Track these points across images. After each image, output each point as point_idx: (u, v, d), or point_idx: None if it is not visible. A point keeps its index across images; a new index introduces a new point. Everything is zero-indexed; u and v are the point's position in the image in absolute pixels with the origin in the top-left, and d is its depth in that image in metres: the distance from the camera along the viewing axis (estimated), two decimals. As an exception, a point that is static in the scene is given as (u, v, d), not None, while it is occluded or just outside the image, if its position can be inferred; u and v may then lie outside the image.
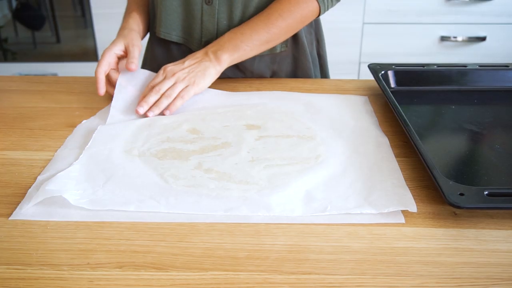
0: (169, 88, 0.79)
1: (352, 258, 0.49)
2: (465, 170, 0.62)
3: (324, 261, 0.49)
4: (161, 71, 0.82)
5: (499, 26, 2.12)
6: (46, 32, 2.37)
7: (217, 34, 0.89)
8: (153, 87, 0.79)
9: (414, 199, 0.58)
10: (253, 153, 0.66)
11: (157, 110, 0.77)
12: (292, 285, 0.46)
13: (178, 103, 0.78)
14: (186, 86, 0.79)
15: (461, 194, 0.53)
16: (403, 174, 0.63)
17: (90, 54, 2.32)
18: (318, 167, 0.63)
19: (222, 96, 0.85)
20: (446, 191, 0.53)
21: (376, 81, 0.83)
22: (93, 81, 0.91)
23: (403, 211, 0.56)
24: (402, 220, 0.54)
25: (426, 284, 0.46)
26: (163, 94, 0.78)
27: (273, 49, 0.91)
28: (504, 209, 0.54)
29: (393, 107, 0.73)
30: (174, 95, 0.78)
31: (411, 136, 0.65)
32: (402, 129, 0.71)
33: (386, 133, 0.73)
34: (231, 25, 0.88)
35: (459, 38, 2.03)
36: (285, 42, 0.92)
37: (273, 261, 0.49)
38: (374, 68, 0.87)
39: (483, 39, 2.04)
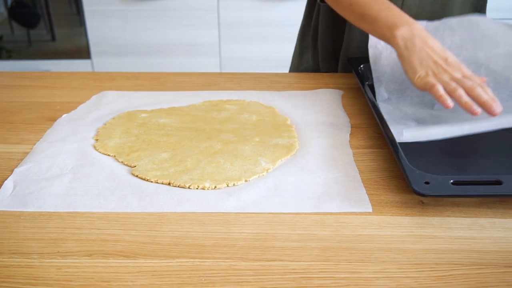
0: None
1: (317, 245, 0.50)
2: (435, 161, 0.63)
3: (290, 248, 0.50)
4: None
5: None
6: (41, 30, 2.38)
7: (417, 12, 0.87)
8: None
9: (384, 189, 0.59)
10: (225, 146, 0.67)
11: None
12: (256, 272, 0.47)
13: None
14: None
15: (427, 183, 0.54)
16: (375, 165, 0.64)
17: (84, 52, 2.33)
18: (287, 161, 0.64)
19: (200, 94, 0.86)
20: (412, 180, 0.54)
21: (355, 74, 0.84)
22: (77, 76, 0.93)
23: (371, 200, 0.56)
24: (369, 209, 0.55)
25: (387, 270, 0.47)
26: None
27: None
28: (466, 196, 0.55)
29: (368, 99, 0.74)
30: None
31: (383, 127, 0.66)
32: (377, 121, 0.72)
33: (362, 125, 0.74)
34: None
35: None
36: None
37: (239, 249, 0.49)
38: (353, 61, 0.88)
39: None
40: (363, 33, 0.91)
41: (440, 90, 0.64)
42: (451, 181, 0.54)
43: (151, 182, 0.60)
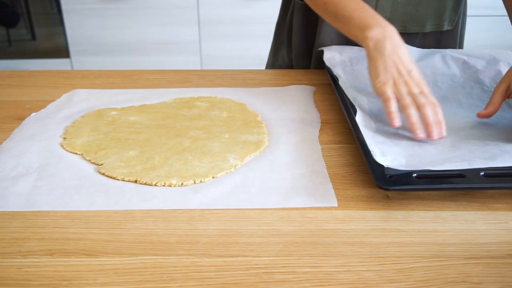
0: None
1: (281, 240, 0.50)
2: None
3: (253, 244, 0.50)
4: None
5: (469, 18, 2.15)
6: (22, 29, 2.35)
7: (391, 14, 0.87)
8: None
9: (351, 183, 0.59)
10: (194, 143, 0.67)
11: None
12: (218, 268, 0.46)
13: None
14: None
15: (390, 177, 0.54)
16: (343, 160, 0.64)
17: (62, 51, 2.31)
18: (256, 157, 0.64)
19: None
20: (376, 174, 0.55)
21: (326, 70, 0.85)
22: (48, 74, 0.92)
23: (337, 195, 0.57)
24: (335, 204, 0.55)
25: (349, 264, 0.47)
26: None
27: (440, 26, 0.92)
28: (429, 190, 0.55)
29: (338, 94, 0.75)
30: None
31: (351, 122, 0.66)
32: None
33: (332, 121, 0.74)
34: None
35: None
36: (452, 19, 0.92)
37: (203, 245, 0.49)
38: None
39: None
40: (336, 32, 0.91)
41: (392, 106, 0.65)
42: (415, 175, 0.55)
43: (118, 180, 0.60)
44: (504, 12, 0.82)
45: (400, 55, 0.68)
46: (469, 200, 0.56)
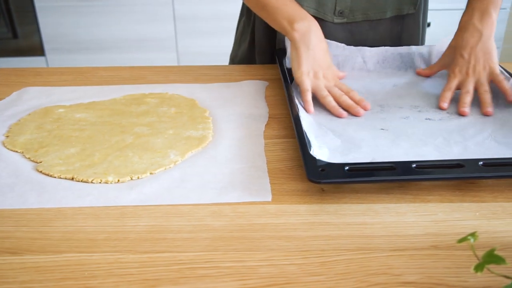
0: None
1: (209, 236, 0.50)
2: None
3: (181, 239, 0.49)
4: None
5: (443, 12, 2.16)
6: (2, 27, 2.33)
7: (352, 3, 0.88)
8: None
9: (289, 177, 0.59)
10: (137, 139, 0.67)
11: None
12: (141, 264, 0.46)
13: None
14: None
15: (322, 170, 0.54)
16: (285, 154, 0.64)
17: (38, 49, 2.29)
18: (198, 153, 0.64)
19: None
20: (308, 168, 0.55)
21: (278, 65, 0.84)
22: (4, 72, 0.91)
23: (273, 189, 0.57)
24: (268, 198, 0.55)
25: (273, 258, 0.47)
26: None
27: (401, 10, 0.91)
28: (359, 182, 0.55)
29: (286, 89, 0.75)
30: None
31: (293, 116, 0.66)
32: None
33: (280, 115, 0.74)
34: None
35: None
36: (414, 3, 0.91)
37: (130, 242, 0.49)
38: (280, 53, 0.88)
39: (427, 25, 2.07)
40: None
41: (307, 96, 0.72)
42: (347, 168, 0.55)
43: (55, 177, 0.59)
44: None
45: (322, 50, 0.75)
46: (403, 193, 0.56)
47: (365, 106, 0.72)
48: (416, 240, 0.49)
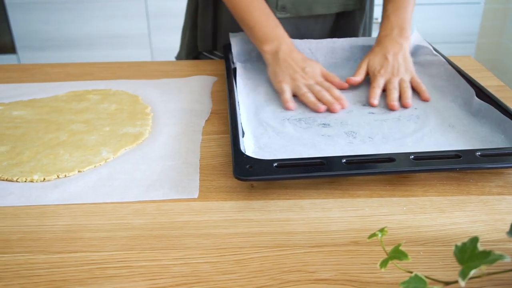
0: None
1: (128, 234, 0.49)
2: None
3: (98, 239, 0.48)
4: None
5: (421, 7, 2.16)
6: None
7: None
8: None
9: (220, 174, 0.58)
10: (71, 137, 0.65)
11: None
12: (51, 265, 0.45)
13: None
14: None
15: (250, 167, 0.53)
16: (220, 150, 0.63)
17: (9, 47, 2.26)
18: (131, 150, 0.63)
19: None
20: (236, 165, 0.54)
21: (224, 60, 0.83)
22: None
23: (202, 186, 0.56)
24: (195, 195, 0.54)
25: (189, 256, 0.46)
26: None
27: (347, 6, 0.93)
28: (286, 178, 0.54)
29: (227, 85, 0.74)
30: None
31: (230, 113, 0.65)
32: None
33: (223, 111, 0.73)
34: None
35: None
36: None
37: (44, 242, 0.48)
38: (227, 48, 0.87)
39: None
40: None
41: (286, 95, 0.73)
42: (275, 164, 0.54)
43: (-20, 177, 0.58)
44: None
45: (294, 58, 0.78)
46: (332, 188, 0.55)
47: (343, 104, 0.72)
48: (337, 236, 0.48)
